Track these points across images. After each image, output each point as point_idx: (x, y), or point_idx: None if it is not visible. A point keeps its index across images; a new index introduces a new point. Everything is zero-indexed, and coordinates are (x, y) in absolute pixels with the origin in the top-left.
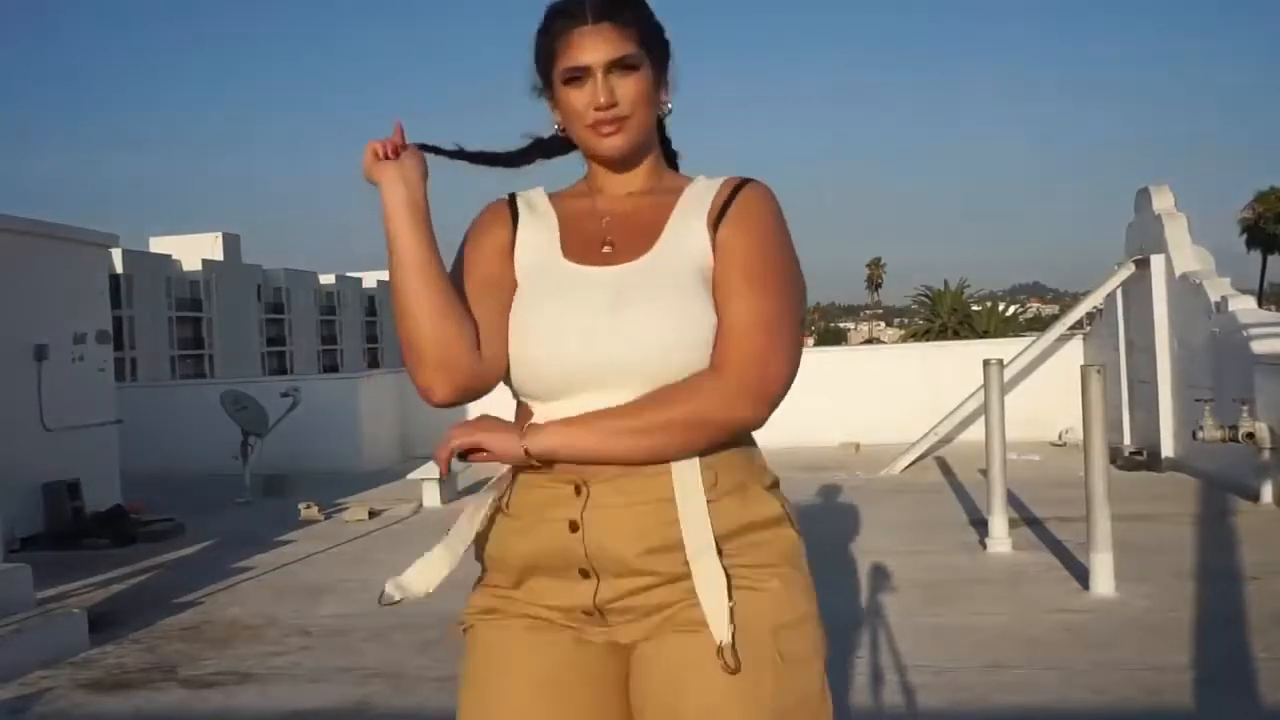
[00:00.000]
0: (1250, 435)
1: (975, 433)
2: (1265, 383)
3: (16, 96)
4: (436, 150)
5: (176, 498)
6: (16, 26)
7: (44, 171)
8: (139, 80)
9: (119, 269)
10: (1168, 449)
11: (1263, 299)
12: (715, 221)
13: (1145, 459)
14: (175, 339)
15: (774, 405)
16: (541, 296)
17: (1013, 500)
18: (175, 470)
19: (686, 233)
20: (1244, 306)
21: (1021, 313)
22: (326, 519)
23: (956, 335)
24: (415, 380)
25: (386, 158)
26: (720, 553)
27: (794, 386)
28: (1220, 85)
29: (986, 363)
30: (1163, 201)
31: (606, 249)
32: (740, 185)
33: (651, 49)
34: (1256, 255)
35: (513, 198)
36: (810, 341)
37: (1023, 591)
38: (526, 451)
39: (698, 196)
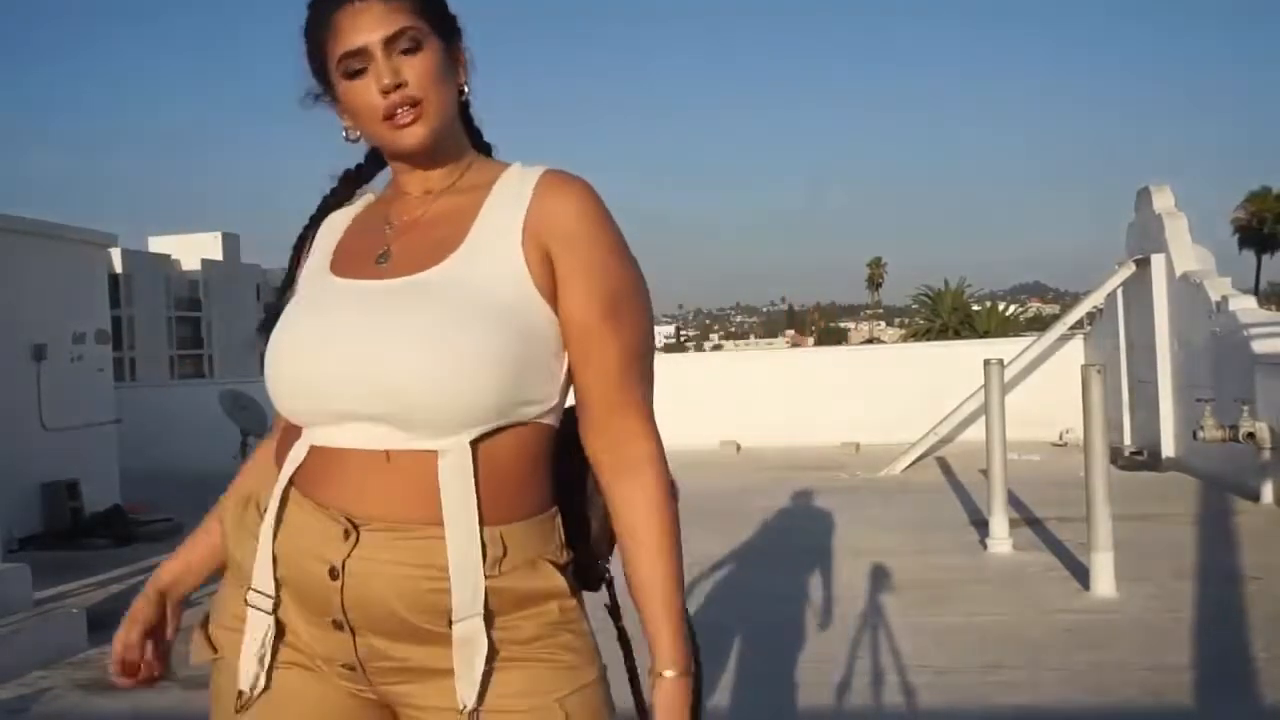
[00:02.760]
0: (1251, 435)
1: (975, 433)
2: (1266, 382)
3: (17, 96)
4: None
5: (176, 498)
6: (17, 26)
7: (44, 171)
8: (140, 80)
9: (118, 269)
10: (1168, 449)
11: (1260, 299)
12: (534, 241)
13: (1146, 459)
14: (174, 339)
15: None
16: (292, 311)
17: (1013, 500)
18: (174, 470)
19: (487, 252)
20: (1244, 306)
21: (1022, 312)
22: None
23: (957, 335)
24: None
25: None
26: (493, 625)
27: (794, 386)
28: (1213, 86)
29: (987, 362)
30: (1163, 201)
31: (382, 262)
32: (555, 187)
33: (435, 24)
34: (1249, 256)
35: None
36: (810, 341)
37: (1023, 592)
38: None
39: (505, 204)
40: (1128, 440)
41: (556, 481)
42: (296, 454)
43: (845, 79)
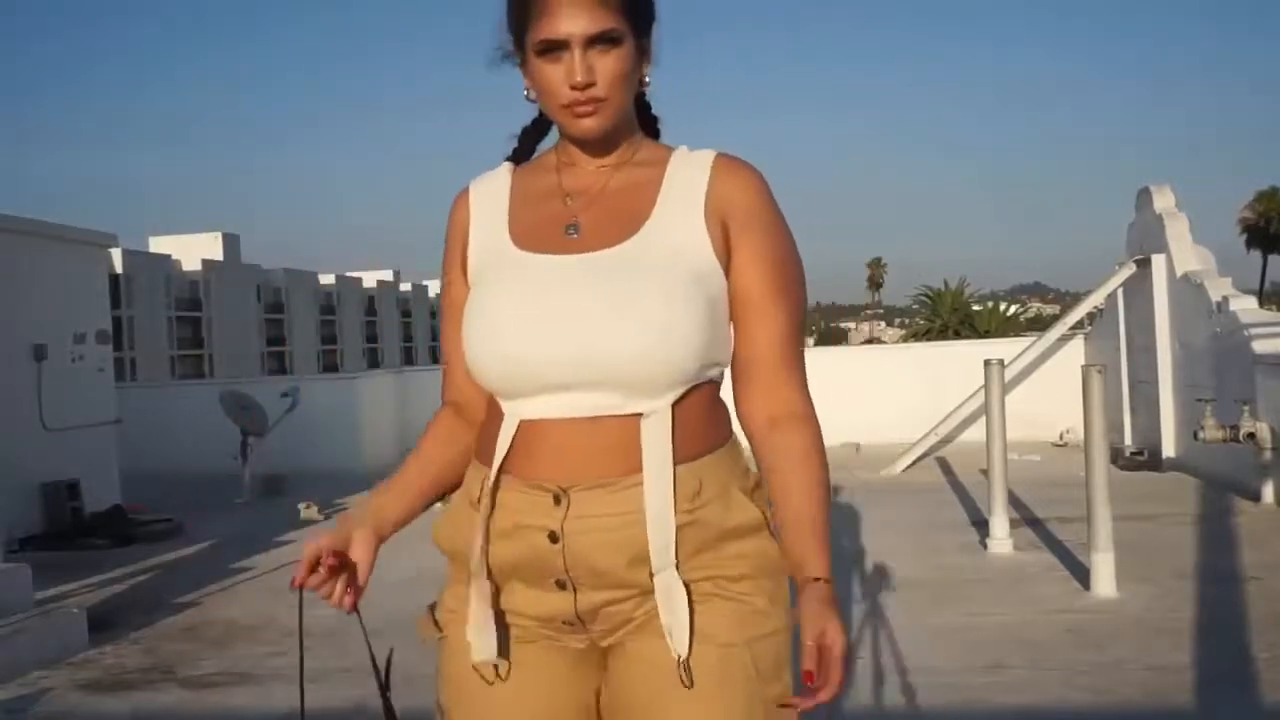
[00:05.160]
0: (1251, 435)
1: (976, 433)
2: (1266, 383)
3: (18, 96)
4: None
5: (176, 498)
6: (18, 26)
7: (44, 171)
8: (140, 80)
9: (119, 269)
10: (1168, 449)
11: (1263, 299)
12: (715, 216)
13: (1146, 459)
14: (175, 339)
15: None
16: (493, 291)
17: (1013, 500)
18: (175, 470)
19: (677, 224)
20: (1245, 306)
21: (1022, 312)
22: (326, 519)
23: (957, 335)
24: None
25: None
26: (702, 562)
27: None
28: (1219, 86)
29: (987, 363)
30: (1163, 201)
31: (572, 233)
32: (731, 169)
33: (636, 19)
34: (1256, 256)
35: (467, 190)
36: (810, 342)
37: (1023, 592)
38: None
39: (685, 180)
40: (1128, 440)
41: None
42: (504, 439)
43: (844, 79)
